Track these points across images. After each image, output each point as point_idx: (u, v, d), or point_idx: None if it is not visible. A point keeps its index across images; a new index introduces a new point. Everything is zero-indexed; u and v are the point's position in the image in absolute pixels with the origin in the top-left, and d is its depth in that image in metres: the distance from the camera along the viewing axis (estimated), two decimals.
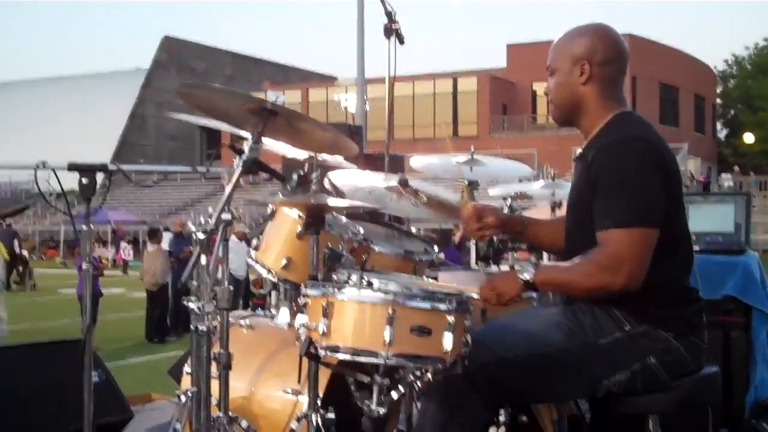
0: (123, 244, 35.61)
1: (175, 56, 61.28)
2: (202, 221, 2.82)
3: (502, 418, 3.40)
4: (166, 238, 17.04)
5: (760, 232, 34.04)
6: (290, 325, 3.65)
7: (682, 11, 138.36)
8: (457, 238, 15.11)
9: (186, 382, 3.53)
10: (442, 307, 2.64)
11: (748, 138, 56.49)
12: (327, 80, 60.15)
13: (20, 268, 25.40)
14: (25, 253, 26.31)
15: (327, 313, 2.66)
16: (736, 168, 47.88)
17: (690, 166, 44.03)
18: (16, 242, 24.58)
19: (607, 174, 2.81)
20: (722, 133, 66.39)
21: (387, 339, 2.58)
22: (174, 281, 14.23)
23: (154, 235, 15.26)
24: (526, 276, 2.85)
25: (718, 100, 64.93)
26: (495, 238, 3.99)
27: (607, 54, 2.98)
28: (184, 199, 47.67)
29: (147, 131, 59.93)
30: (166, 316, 14.10)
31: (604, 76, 2.98)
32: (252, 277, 14.00)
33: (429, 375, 2.78)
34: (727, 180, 44.09)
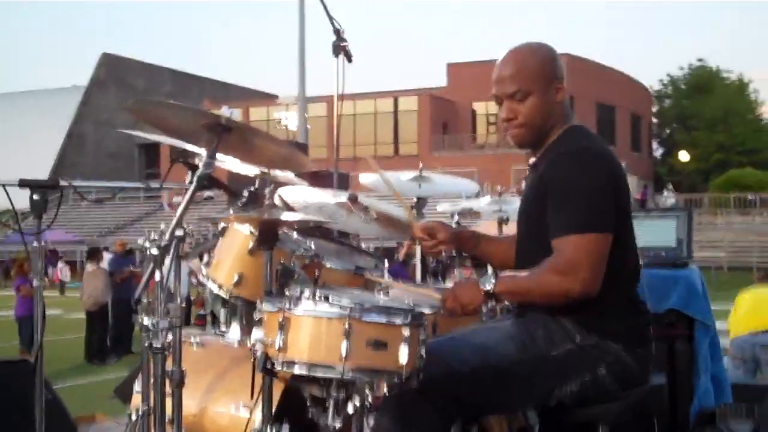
0: (60, 265, 35.03)
1: (114, 73, 60.59)
2: (156, 237, 2.81)
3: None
4: (106, 258, 16.84)
5: (695, 249, 34.72)
6: (241, 342, 3.65)
7: (617, 31, 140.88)
8: (401, 255, 15.19)
9: (136, 400, 3.51)
10: (398, 321, 2.66)
11: (684, 156, 57.60)
12: (268, 98, 60.00)
13: None
14: None
15: (283, 328, 2.66)
16: (670, 186, 48.80)
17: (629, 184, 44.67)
18: None
19: (559, 183, 2.88)
20: (658, 151, 67.65)
21: (343, 353, 2.59)
22: (114, 302, 14.06)
23: (94, 254, 15.07)
24: (488, 287, 2.89)
25: (654, 119, 66.14)
26: (444, 254, 4.04)
27: (563, 70, 3.09)
28: (123, 219, 47.08)
29: (85, 149, 59.07)
30: (106, 337, 13.90)
31: (566, 92, 3.09)
32: (192, 297, 13.90)
33: (384, 388, 2.79)
34: (669, 198, 44.88)
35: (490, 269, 3.61)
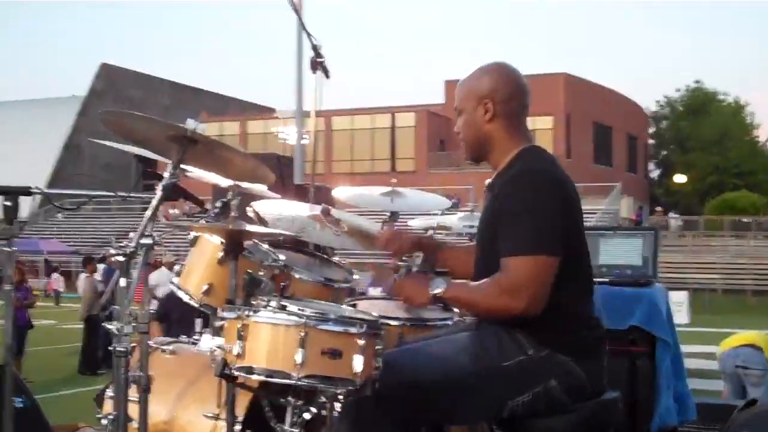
0: (54, 275, 35.03)
1: (112, 84, 60.72)
2: (123, 244, 2.88)
3: None
4: (100, 268, 16.86)
5: (690, 272, 34.77)
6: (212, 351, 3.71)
7: (615, 52, 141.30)
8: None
9: (108, 406, 3.58)
10: (353, 330, 2.73)
11: (680, 178, 57.78)
12: (266, 112, 60.22)
13: None
14: None
15: (241, 335, 2.73)
16: (659, 208, 49.05)
17: (623, 205, 44.83)
18: None
19: (510, 203, 2.95)
20: (654, 173, 67.80)
21: (299, 360, 2.66)
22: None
23: (88, 263, 15.07)
24: (437, 290, 3.01)
25: (651, 141, 66.32)
26: (414, 267, 4.11)
27: (507, 91, 3.13)
28: (118, 229, 47.08)
29: (82, 161, 59.11)
30: (98, 348, 13.89)
31: (507, 112, 3.12)
32: None
33: (340, 396, 2.86)
34: (676, 219, 45.16)
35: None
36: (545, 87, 42.28)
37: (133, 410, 3.07)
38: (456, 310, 3.63)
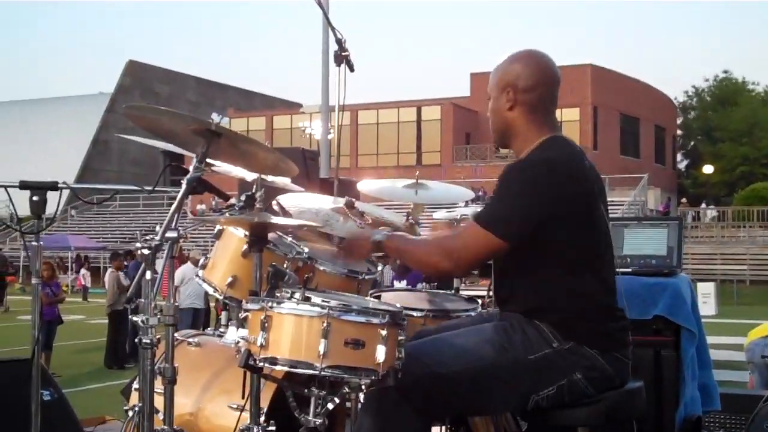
0: (83, 271, 35.32)
1: (140, 81, 61.05)
2: (148, 237, 2.91)
3: None
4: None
5: (719, 263, 34.52)
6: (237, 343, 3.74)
7: (642, 42, 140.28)
8: None
9: (134, 398, 3.62)
10: (376, 320, 2.74)
11: (708, 169, 57.31)
12: (292, 107, 60.36)
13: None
14: None
15: (265, 326, 2.75)
16: (684, 200, 48.71)
17: (650, 196, 44.54)
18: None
19: (499, 183, 3.00)
20: (682, 163, 67.29)
21: (322, 351, 2.68)
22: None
23: (115, 259, 15.18)
24: (378, 237, 3.14)
25: (679, 131, 65.81)
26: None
27: (530, 80, 3.11)
28: (146, 225, 47.40)
29: (110, 156, 59.54)
30: (124, 342, 13.98)
31: (529, 101, 3.11)
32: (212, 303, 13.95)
33: (363, 386, 2.88)
34: (711, 210, 44.87)
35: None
36: (572, 78, 42.04)
37: (159, 402, 3.11)
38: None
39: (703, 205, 48.79)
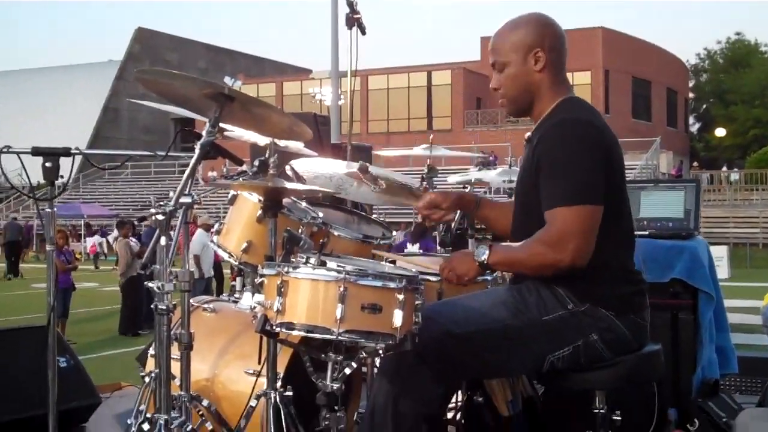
0: (96, 237, 35.48)
1: (149, 48, 60.98)
2: (162, 203, 2.89)
3: (459, 399, 3.51)
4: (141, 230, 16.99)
5: (731, 226, 34.46)
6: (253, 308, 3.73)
7: (653, 4, 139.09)
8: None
9: (150, 364, 3.62)
10: (392, 285, 2.72)
11: (720, 132, 57.00)
12: (302, 73, 60.18)
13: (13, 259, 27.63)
14: None
15: (281, 291, 2.73)
16: (695, 164, 48.47)
17: (662, 160, 44.33)
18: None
19: (549, 155, 2.92)
20: (694, 126, 66.95)
21: (339, 316, 2.66)
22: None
23: (122, 227, 15.12)
24: (482, 258, 2.97)
25: (691, 94, 65.39)
26: (453, 224, 4.10)
27: (554, 40, 3.09)
28: (158, 192, 47.47)
29: (120, 124, 59.60)
30: (138, 308, 14.01)
31: (554, 61, 3.08)
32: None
33: (380, 351, 2.87)
34: (733, 173, 44.62)
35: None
36: (583, 41, 41.77)
37: (175, 368, 3.12)
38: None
39: (725, 168, 48.52)
